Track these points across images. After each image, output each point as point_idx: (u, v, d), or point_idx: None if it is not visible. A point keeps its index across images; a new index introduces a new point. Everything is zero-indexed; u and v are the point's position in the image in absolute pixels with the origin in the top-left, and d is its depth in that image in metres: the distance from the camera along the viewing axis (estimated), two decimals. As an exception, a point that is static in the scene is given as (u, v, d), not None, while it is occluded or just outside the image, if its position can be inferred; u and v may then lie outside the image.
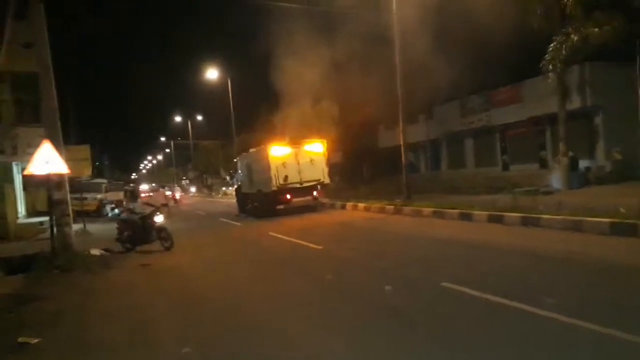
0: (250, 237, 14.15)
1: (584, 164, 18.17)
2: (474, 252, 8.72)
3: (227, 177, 46.92)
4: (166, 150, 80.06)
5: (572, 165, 17.40)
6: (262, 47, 23.62)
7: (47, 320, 6.54)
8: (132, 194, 12.44)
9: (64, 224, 11.11)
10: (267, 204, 19.27)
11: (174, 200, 34.74)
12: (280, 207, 19.04)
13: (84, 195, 21.03)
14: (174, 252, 11.63)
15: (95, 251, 11.74)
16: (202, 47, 77.41)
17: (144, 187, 59.82)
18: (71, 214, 11.80)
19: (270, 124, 27.81)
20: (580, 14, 9.64)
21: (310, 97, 23.62)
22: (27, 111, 17.21)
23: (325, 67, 20.63)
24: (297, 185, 18.97)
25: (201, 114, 55.84)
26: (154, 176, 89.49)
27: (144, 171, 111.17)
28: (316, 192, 19.29)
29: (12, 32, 13.93)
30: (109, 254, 11.80)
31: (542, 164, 20.70)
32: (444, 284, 6.40)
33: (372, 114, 25.02)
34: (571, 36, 9.70)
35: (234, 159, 27.35)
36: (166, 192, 33.88)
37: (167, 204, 20.65)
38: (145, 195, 12.73)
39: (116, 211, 23.46)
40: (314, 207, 19.60)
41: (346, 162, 32.46)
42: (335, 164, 27.48)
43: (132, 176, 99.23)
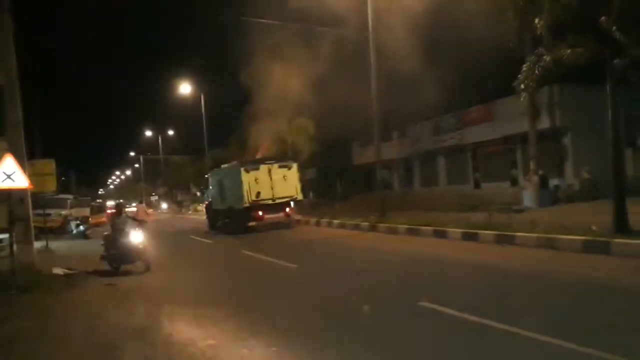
0: (222, 256, 13.79)
1: (553, 182, 18.50)
2: (451, 270, 8.67)
3: (197, 193, 46.24)
4: (135, 165, 78.66)
5: (543, 183, 17.71)
6: (237, 63, 23.53)
7: (1, 343, 6.14)
8: (117, 209, 12.08)
9: (25, 242, 10.60)
10: (238, 220, 18.95)
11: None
12: (252, 223, 18.76)
13: (48, 211, 20.27)
14: (142, 272, 11.16)
15: (58, 270, 11.21)
16: (175, 62, 76.92)
17: (110, 203, 58.42)
18: (33, 231, 11.28)
19: (243, 140, 27.58)
20: (550, 36, 9.85)
21: (284, 113, 23.53)
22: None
23: (300, 83, 20.59)
24: (270, 201, 18.74)
25: (172, 128, 55.08)
26: (121, 192, 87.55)
27: (112, 187, 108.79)
28: (289, 209, 19.10)
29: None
30: (72, 272, 11.27)
31: (513, 182, 21.03)
32: (422, 304, 6.26)
33: (347, 131, 25.09)
34: (544, 57, 9.88)
35: (205, 175, 26.94)
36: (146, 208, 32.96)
37: (146, 220, 20.09)
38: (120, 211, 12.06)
39: (81, 228, 22.69)
40: (287, 224, 19.35)
41: (320, 178, 32.41)
42: (309, 180, 27.40)
43: (99, 192, 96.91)
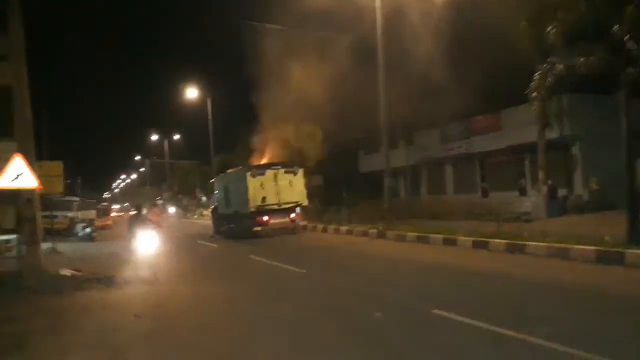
0: (229, 261, 13.74)
1: (562, 192, 18.37)
2: (463, 279, 8.56)
3: (203, 198, 46.18)
4: (140, 169, 78.80)
5: (551, 193, 17.57)
6: (244, 68, 23.56)
7: (13, 344, 6.10)
8: (138, 210, 12.24)
9: (32, 243, 10.56)
10: (244, 225, 18.90)
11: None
12: (257, 229, 18.69)
13: (55, 213, 20.27)
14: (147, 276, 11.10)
15: (65, 271, 11.16)
16: (182, 67, 77.18)
17: (117, 206, 58.42)
18: (40, 232, 11.26)
19: (249, 145, 27.57)
20: (563, 45, 9.81)
21: (291, 120, 23.53)
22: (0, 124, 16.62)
23: (308, 89, 20.59)
24: (275, 206, 18.70)
25: (179, 133, 55.20)
26: (127, 196, 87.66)
27: (117, 190, 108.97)
28: (294, 215, 19.04)
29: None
30: (80, 274, 11.22)
31: (521, 192, 20.88)
32: (436, 311, 6.18)
33: (354, 138, 25.04)
34: (556, 65, 9.83)
35: (211, 180, 26.94)
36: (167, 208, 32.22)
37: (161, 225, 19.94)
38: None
39: (87, 230, 22.68)
40: (292, 230, 19.27)
41: (326, 185, 32.32)
42: (315, 186, 27.33)
43: (104, 195, 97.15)
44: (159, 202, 60.15)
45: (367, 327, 5.92)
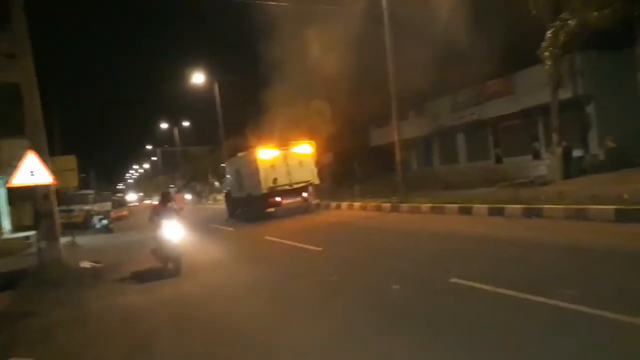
0: (245, 242, 13.80)
1: (577, 153, 18.08)
2: (480, 246, 8.47)
3: (216, 183, 46.38)
4: (152, 158, 79.25)
5: (566, 155, 17.29)
6: (249, 48, 23.38)
7: (38, 337, 6.24)
8: (163, 197, 10.25)
9: (51, 237, 10.70)
10: (257, 207, 18.99)
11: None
12: (270, 210, 18.77)
13: (71, 207, 20.53)
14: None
15: (85, 264, 11.33)
16: (188, 52, 76.69)
17: (132, 196, 58.93)
18: (58, 227, 11.39)
19: (259, 127, 27.46)
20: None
21: (299, 97, 23.33)
22: (10, 123, 16.70)
23: (314, 66, 20.34)
24: (287, 187, 18.75)
25: (188, 120, 55.19)
26: (141, 185, 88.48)
27: (131, 181, 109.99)
28: (306, 193, 19.08)
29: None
30: (100, 265, 11.38)
31: (536, 155, 20.60)
32: (454, 280, 6.13)
33: (363, 112, 24.77)
34: (569, 22, 9.48)
35: (222, 164, 26.98)
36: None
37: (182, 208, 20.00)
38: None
39: (104, 222, 22.94)
40: (306, 209, 19.30)
41: (338, 161, 32.18)
42: (327, 164, 27.21)
43: (118, 186, 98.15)
44: (173, 190, 60.57)
45: (387, 300, 5.90)
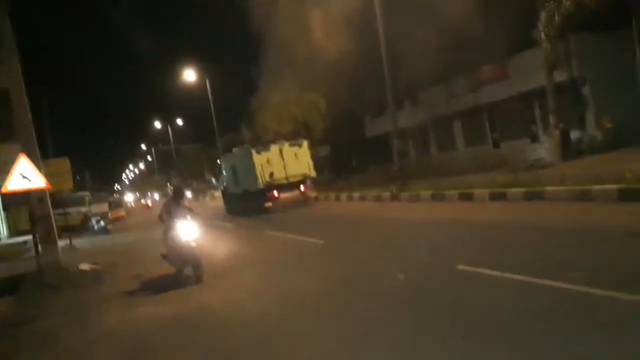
0: (246, 238, 13.66)
1: (575, 135, 18.00)
2: (484, 232, 8.38)
3: (212, 180, 46.22)
4: (147, 157, 78.95)
5: (564, 137, 17.22)
6: (241, 42, 23.12)
7: (41, 341, 6.12)
8: (175, 193, 8.66)
9: (49, 241, 10.59)
10: (254, 202, 18.92)
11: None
12: (268, 204, 18.69)
13: (67, 209, 20.31)
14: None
15: (84, 266, 11.20)
16: (179, 49, 76.25)
17: (129, 197, 58.70)
18: (55, 230, 11.26)
19: (253, 122, 27.33)
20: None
21: (294, 90, 23.17)
22: (1, 127, 16.55)
23: (308, 56, 20.16)
24: (284, 181, 18.74)
25: (181, 118, 54.93)
26: (137, 185, 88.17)
27: (127, 181, 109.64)
28: (303, 187, 19.03)
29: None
30: (99, 267, 11.25)
31: (533, 139, 20.50)
32: (461, 267, 6.03)
33: (358, 102, 24.66)
34: (563, 2, 9.36)
35: (217, 161, 26.85)
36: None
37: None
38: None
39: (102, 224, 22.81)
40: (304, 202, 19.21)
41: (334, 153, 32.07)
42: (323, 157, 27.14)
43: (114, 187, 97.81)
44: (170, 189, 60.22)
45: (392, 290, 5.79)
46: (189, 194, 50.00)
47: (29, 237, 14.29)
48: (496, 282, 5.31)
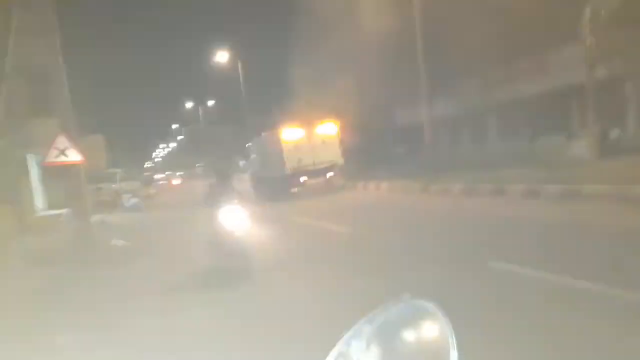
0: (271, 223, 13.72)
1: (614, 133, 17.43)
2: (516, 228, 8.17)
3: (241, 162, 46.61)
4: (178, 137, 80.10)
5: (603, 134, 16.68)
6: (275, 25, 23.05)
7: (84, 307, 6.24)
8: (222, 179, 8.25)
9: (83, 216, 10.85)
10: (281, 187, 19.01)
11: None
12: (294, 190, 18.74)
13: (99, 185, 20.79)
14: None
15: (117, 242, 11.46)
16: (213, 31, 76.46)
17: (160, 175, 59.77)
18: (89, 205, 11.54)
19: (284, 106, 27.32)
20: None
21: (326, 76, 23.03)
22: (40, 103, 16.96)
23: (341, 44, 19.97)
24: (311, 167, 18.70)
25: (213, 99, 55.45)
26: (167, 164, 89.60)
27: (159, 159, 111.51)
28: (331, 174, 18.98)
29: (20, 22, 13.59)
30: (131, 244, 11.49)
31: (570, 135, 19.91)
32: (492, 264, 5.91)
33: (390, 91, 24.33)
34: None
35: (247, 144, 27.02)
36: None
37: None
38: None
39: (133, 201, 23.24)
40: (331, 189, 19.16)
41: (364, 141, 31.81)
42: (353, 143, 26.97)
43: (145, 165, 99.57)
44: (199, 169, 61.10)
45: (420, 285, 5.71)
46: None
47: (62, 211, 14.74)
48: (528, 281, 5.21)
